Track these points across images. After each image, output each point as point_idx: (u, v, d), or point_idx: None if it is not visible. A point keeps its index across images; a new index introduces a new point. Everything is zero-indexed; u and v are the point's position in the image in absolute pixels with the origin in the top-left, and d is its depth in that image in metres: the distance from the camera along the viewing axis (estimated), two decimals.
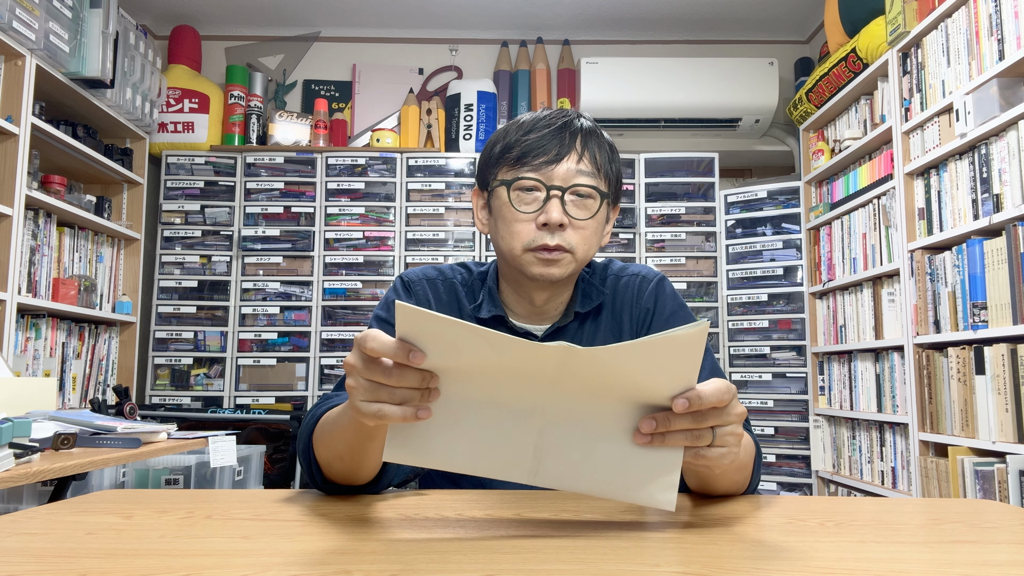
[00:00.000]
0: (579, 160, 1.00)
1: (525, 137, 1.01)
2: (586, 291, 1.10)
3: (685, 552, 0.63)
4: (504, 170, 1.02)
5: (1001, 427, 2.13)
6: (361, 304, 3.52)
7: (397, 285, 1.13)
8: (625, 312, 1.11)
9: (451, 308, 1.11)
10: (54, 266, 2.95)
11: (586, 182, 1.00)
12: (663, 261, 3.58)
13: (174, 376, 3.48)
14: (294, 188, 3.61)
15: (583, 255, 1.02)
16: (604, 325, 1.10)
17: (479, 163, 1.09)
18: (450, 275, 1.14)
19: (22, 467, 1.29)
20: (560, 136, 1.00)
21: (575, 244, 1.00)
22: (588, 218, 1.01)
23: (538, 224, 0.99)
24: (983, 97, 2.22)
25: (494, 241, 1.06)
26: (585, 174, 1.00)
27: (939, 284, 2.48)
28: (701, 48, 4.04)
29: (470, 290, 1.12)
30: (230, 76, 3.76)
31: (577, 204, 1.00)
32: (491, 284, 1.10)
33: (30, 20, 2.53)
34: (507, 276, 1.09)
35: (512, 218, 1.01)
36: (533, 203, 1.00)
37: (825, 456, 3.31)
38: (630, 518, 0.78)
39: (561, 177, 0.99)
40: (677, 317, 1.10)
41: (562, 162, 0.99)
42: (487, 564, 0.59)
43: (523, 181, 1.00)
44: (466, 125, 3.68)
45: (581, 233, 1.01)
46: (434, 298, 1.11)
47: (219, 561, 0.59)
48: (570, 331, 1.09)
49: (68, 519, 0.75)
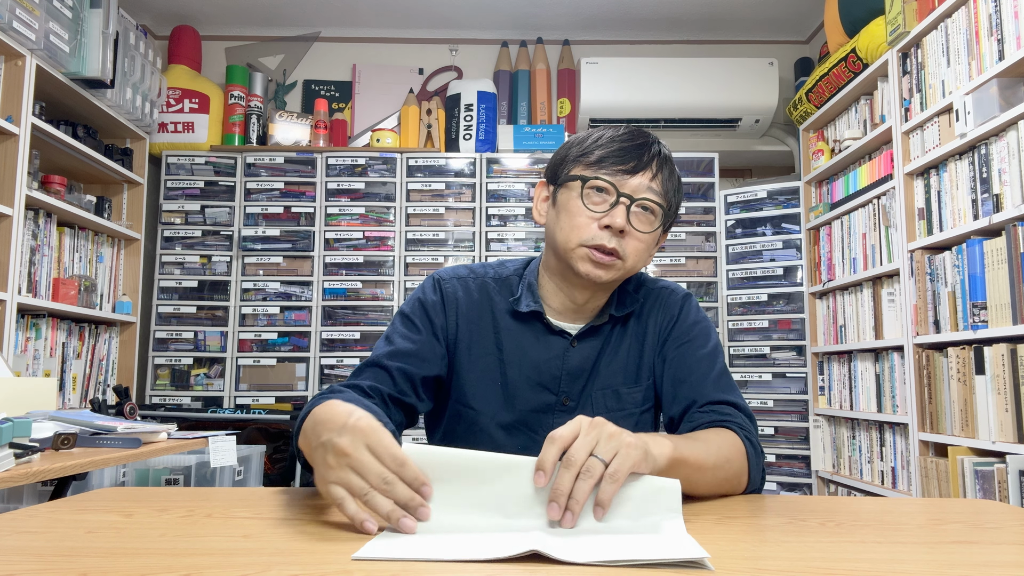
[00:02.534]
0: (652, 178, 1.05)
1: (608, 144, 1.06)
2: (621, 297, 1.15)
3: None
4: (581, 167, 1.07)
5: (1001, 427, 2.13)
6: (361, 304, 3.52)
7: (427, 283, 1.16)
8: (651, 319, 1.16)
9: (482, 306, 1.14)
10: (54, 266, 2.95)
11: (654, 198, 1.05)
12: (663, 261, 3.58)
13: (174, 376, 3.48)
14: (294, 188, 3.61)
15: (632, 265, 1.07)
16: (631, 330, 1.15)
17: (553, 158, 1.13)
18: (481, 273, 1.17)
19: (22, 467, 1.29)
20: (640, 152, 1.05)
21: (628, 252, 1.05)
22: (648, 231, 1.06)
23: (601, 224, 1.03)
24: (983, 97, 2.22)
25: (550, 233, 1.10)
26: (654, 192, 1.05)
27: (939, 284, 2.48)
28: (701, 48, 4.04)
29: (505, 285, 1.16)
30: (230, 76, 3.76)
31: (640, 216, 1.05)
32: (531, 279, 1.14)
33: (30, 20, 2.53)
34: (553, 270, 1.12)
35: (578, 211, 1.05)
36: (601, 204, 1.04)
37: (825, 456, 3.31)
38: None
39: (632, 188, 1.04)
40: (698, 326, 1.14)
41: (637, 175, 1.04)
42: (487, 564, 0.59)
43: (597, 181, 1.04)
44: (466, 125, 3.68)
45: (636, 244, 1.05)
46: (464, 296, 1.14)
47: (219, 560, 0.59)
48: (603, 332, 1.14)
49: (68, 518, 0.75)
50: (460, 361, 1.12)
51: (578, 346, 1.12)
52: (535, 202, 1.15)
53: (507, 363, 1.12)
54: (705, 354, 1.11)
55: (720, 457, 0.92)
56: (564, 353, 1.12)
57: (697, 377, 1.09)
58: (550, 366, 1.11)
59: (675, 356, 1.12)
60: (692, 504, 0.87)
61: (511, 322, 1.13)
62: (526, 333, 1.12)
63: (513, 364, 1.12)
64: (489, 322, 1.13)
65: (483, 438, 1.11)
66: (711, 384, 1.07)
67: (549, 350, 1.12)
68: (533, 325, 1.13)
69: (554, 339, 1.12)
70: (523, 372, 1.11)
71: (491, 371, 1.12)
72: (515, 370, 1.11)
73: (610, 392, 1.12)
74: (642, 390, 1.13)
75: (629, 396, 1.12)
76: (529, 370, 1.11)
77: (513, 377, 1.11)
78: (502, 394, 1.11)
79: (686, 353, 1.11)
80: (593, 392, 1.12)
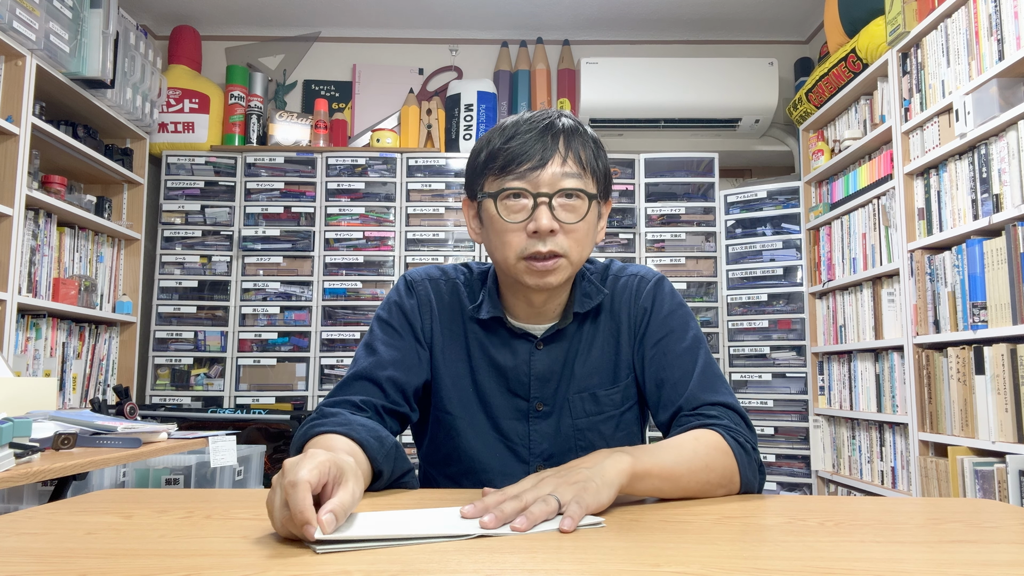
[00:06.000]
0: (564, 162, 0.99)
1: (507, 144, 0.99)
2: (586, 291, 1.10)
3: (685, 552, 0.63)
4: (490, 180, 1.02)
5: (1001, 427, 2.13)
6: (361, 304, 3.52)
7: (400, 285, 1.13)
8: (623, 311, 1.11)
9: (453, 308, 1.11)
10: (54, 266, 2.95)
11: (573, 185, 0.99)
12: (663, 261, 3.57)
13: (174, 376, 3.48)
14: (294, 188, 3.61)
15: (577, 258, 1.02)
16: (603, 326, 1.11)
17: (466, 173, 1.08)
18: (453, 275, 1.14)
19: (22, 467, 1.29)
20: (543, 139, 0.99)
21: (568, 248, 0.99)
22: (578, 221, 1.00)
23: (528, 232, 0.98)
24: (983, 97, 2.22)
25: (488, 251, 1.06)
26: (571, 176, 0.99)
27: (939, 284, 2.48)
28: (701, 48, 4.04)
29: (471, 290, 1.12)
30: (230, 76, 3.76)
31: (566, 208, 0.99)
32: (491, 285, 1.10)
33: (30, 20, 2.53)
34: (504, 281, 1.09)
35: (502, 228, 1.00)
36: (521, 211, 0.99)
37: (825, 456, 3.32)
38: (630, 518, 0.78)
39: (547, 182, 0.98)
40: (675, 316, 1.10)
41: (547, 166, 0.98)
42: (487, 564, 0.59)
43: (510, 189, 0.99)
44: (466, 125, 3.68)
45: (573, 236, 1.00)
46: (436, 298, 1.12)
47: (219, 561, 0.59)
48: (568, 332, 1.10)
49: (67, 519, 0.75)
50: (436, 365, 1.09)
51: (544, 349, 1.09)
52: (467, 221, 1.10)
53: (476, 369, 1.09)
54: (685, 348, 1.06)
55: (697, 462, 0.90)
56: (530, 357, 1.08)
57: (679, 377, 1.04)
58: (517, 371, 1.08)
59: (654, 354, 1.07)
60: (692, 504, 0.87)
61: (477, 328, 1.10)
62: (492, 338, 1.09)
63: (482, 370, 1.09)
64: (460, 325, 1.11)
65: (463, 445, 1.08)
66: (696, 385, 1.03)
67: (515, 355, 1.08)
68: (497, 330, 1.09)
69: (519, 343, 1.09)
70: (491, 378, 1.09)
71: (463, 377, 1.09)
72: (484, 376, 1.09)
73: (587, 395, 1.09)
74: (620, 390, 1.10)
75: (607, 398, 1.09)
76: (497, 375, 1.09)
77: (483, 383, 1.09)
78: (476, 399, 1.09)
79: (666, 350, 1.07)
80: (570, 396, 1.08)
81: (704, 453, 0.91)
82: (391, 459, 0.92)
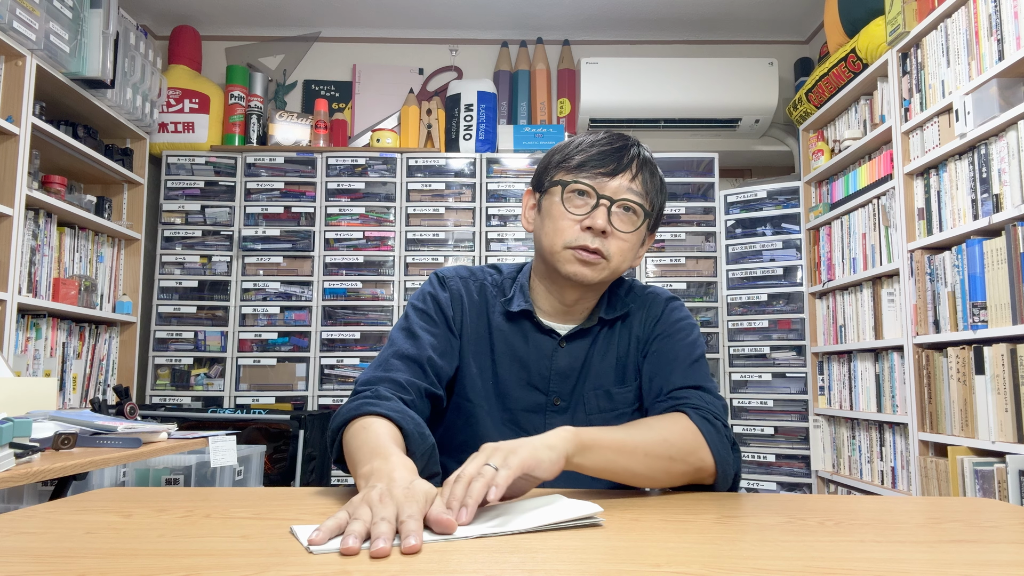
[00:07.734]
0: (632, 180, 1.08)
1: (587, 149, 1.09)
2: (611, 301, 1.17)
3: (685, 552, 0.63)
4: (562, 173, 1.10)
5: (1001, 427, 2.13)
6: (361, 304, 3.52)
7: (433, 280, 1.19)
8: (636, 320, 1.18)
9: (480, 304, 1.17)
10: (54, 266, 2.95)
11: (634, 199, 1.08)
12: (663, 261, 3.58)
13: (174, 376, 3.48)
14: (294, 188, 3.61)
15: (617, 264, 1.09)
16: (618, 334, 1.17)
17: (538, 166, 1.17)
18: (480, 276, 1.21)
19: (22, 467, 1.29)
20: (619, 155, 1.08)
21: (612, 252, 1.07)
22: (630, 231, 1.08)
23: (583, 226, 1.06)
24: (983, 97, 2.22)
25: (537, 238, 1.14)
26: (634, 192, 1.08)
27: (939, 284, 2.48)
28: (701, 48, 4.04)
29: (499, 289, 1.19)
30: (230, 76, 3.76)
31: (621, 217, 1.08)
32: (523, 281, 1.18)
33: (30, 20, 2.53)
34: (541, 273, 1.16)
35: (560, 215, 1.08)
36: (582, 207, 1.07)
37: (825, 456, 3.31)
38: (630, 518, 0.78)
39: (612, 190, 1.07)
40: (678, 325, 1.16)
41: (616, 177, 1.07)
42: (487, 564, 0.59)
43: (577, 185, 1.07)
44: (466, 125, 3.68)
45: (620, 244, 1.08)
46: (466, 295, 1.18)
47: (218, 561, 0.59)
48: (592, 334, 1.16)
49: (67, 518, 0.75)
50: (464, 356, 1.15)
51: (567, 347, 1.14)
52: (523, 210, 1.19)
53: (498, 363, 1.14)
54: (682, 347, 1.13)
55: (652, 435, 0.94)
56: (553, 353, 1.14)
57: (669, 369, 1.10)
58: (539, 366, 1.14)
59: (654, 351, 1.14)
60: (692, 504, 0.87)
61: (503, 323, 1.16)
62: (516, 333, 1.15)
63: (503, 364, 1.14)
64: (485, 324, 1.16)
65: (480, 433, 1.12)
66: (679, 374, 1.09)
67: (538, 350, 1.14)
68: (523, 325, 1.15)
69: (543, 339, 1.15)
70: (513, 371, 1.14)
71: (485, 370, 1.15)
72: (505, 370, 1.14)
73: (602, 392, 1.14)
74: (632, 389, 1.15)
75: (620, 396, 1.14)
76: (519, 369, 1.14)
77: (503, 376, 1.14)
78: (496, 391, 1.14)
79: (664, 348, 1.13)
80: (585, 392, 1.14)
81: (661, 427, 0.96)
82: (426, 458, 0.96)
